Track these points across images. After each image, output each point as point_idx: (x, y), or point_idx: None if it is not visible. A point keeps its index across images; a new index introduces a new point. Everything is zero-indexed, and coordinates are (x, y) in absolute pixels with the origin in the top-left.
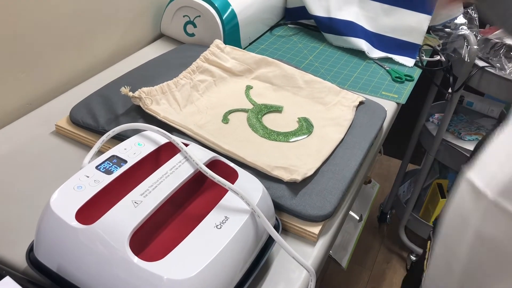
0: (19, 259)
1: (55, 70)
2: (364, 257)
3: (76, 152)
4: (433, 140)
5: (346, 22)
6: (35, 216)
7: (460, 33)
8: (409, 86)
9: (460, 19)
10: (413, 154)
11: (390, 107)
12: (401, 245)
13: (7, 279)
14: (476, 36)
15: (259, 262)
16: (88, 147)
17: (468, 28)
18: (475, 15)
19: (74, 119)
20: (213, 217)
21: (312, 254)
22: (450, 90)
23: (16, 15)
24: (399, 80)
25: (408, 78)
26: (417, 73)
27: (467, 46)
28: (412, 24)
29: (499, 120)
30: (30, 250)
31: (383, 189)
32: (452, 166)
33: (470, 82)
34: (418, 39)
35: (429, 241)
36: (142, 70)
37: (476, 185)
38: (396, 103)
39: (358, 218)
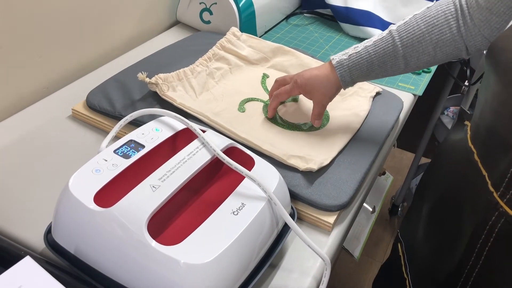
0: (37, 241)
1: (72, 54)
2: (374, 249)
3: (92, 136)
4: (448, 133)
5: (363, 12)
6: (52, 198)
7: None
8: (426, 78)
9: None
10: (426, 147)
11: (406, 99)
12: None
13: (28, 259)
14: None
15: (274, 250)
16: (104, 132)
17: None
18: None
19: (90, 104)
20: (230, 203)
21: (326, 243)
22: (466, 83)
23: (34, 0)
24: (416, 71)
25: (425, 69)
26: None
27: None
28: None
29: None
30: (48, 231)
31: (395, 182)
32: None
33: None
34: None
35: (399, 244)
36: (158, 57)
37: None
38: (413, 94)
39: (371, 209)
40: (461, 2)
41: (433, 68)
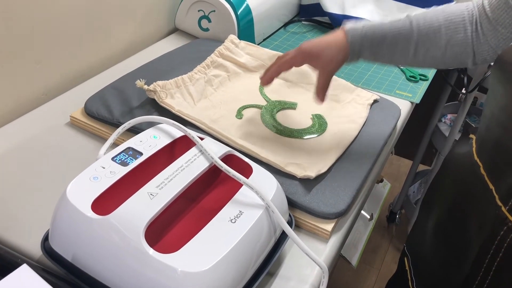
0: (34, 248)
1: (70, 61)
2: (372, 256)
3: (90, 144)
4: (445, 141)
5: (360, 19)
6: (50, 205)
7: None
8: (423, 86)
9: None
10: (424, 155)
11: (404, 106)
12: None
13: (25, 267)
14: None
15: (272, 258)
16: (102, 139)
17: None
18: None
19: (88, 111)
20: (228, 211)
21: (324, 251)
22: (464, 91)
23: (32, 7)
24: (413, 79)
25: (422, 77)
26: (431, 72)
27: None
28: None
29: None
30: (45, 239)
31: (392, 189)
32: None
33: (485, 83)
34: None
35: (406, 258)
36: (156, 64)
37: None
38: (410, 102)
39: (369, 217)
40: (475, 7)
41: (431, 76)
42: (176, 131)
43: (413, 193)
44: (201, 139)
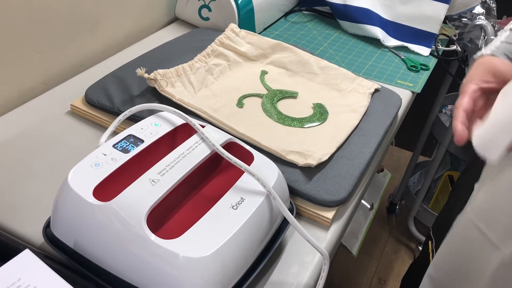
0: (36, 235)
1: (70, 50)
2: (372, 246)
3: (90, 132)
4: (446, 132)
5: (361, 9)
6: (51, 193)
7: (477, 23)
8: (424, 75)
9: (478, 9)
10: (424, 146)
11: (405, 96)
12: (409, 236)
13: (27, 252)
14: (493, 27)
15: (273, 244)
16: (103, 127)
17: (486, 18)
18: (493, 5)
19: (89, 100)
20: (229, 198)
21: (325, 239)
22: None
23: None
24: (414, 69)
25: (423, 67)
26: (432, 62)
27: (484, 37)
28: (428, 13)
29: None
30: (47, 226)
31: (393, 180)
32: (464, 158)
33: None
34: (434, 28)
35: (430, 242)
36: (157, 53)
37: (490, 239)
38: (411, 91)
39: (369, 206)
40: None
41: (432, 65)
42: (177, 118)
43: (413, 184)
44: (202, 126)
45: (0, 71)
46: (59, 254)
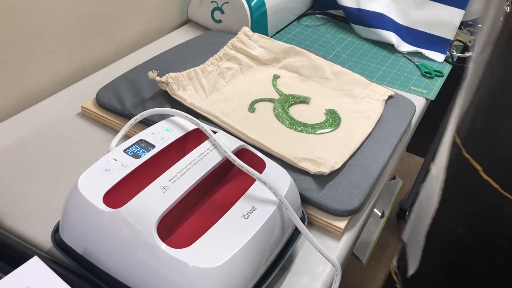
0: (44, 239)
1: (82, 52)
2: (381, 253)
3: (101, 134)
4: None
5: (376, 14)
6: (60, 197)
7: None
8: (438, 82)
9: None
10: (436, 152)
11: (419, 103)
12: None
13: (35, 259)
14: None
15: (284, 254)
16: (113, 130)
17: None
18: (509, 11)
19: (100, 102)
20: (240, 206)
21: (337, 249)
22: None
23: None
24: (428, 75)
25: (438, 73)
26: (447, 69)
27: None
28: (444, 19)
29: None
30: (56, 231)
31: (403, 186)
32: None
33: None
34: (449, 34)
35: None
36: (168, 56)
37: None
38: (425, 98)
39: (380, 214)
40: None
41: (446, 72)
42: (188, 124)
43: None
44: (214, 132)
45: (12, 71)
46: (67, 260)
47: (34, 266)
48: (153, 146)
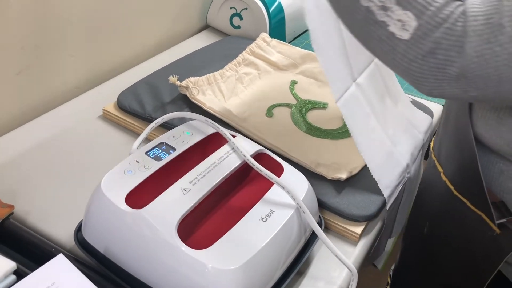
0: (67, 238)
1: (104, 55)
2: (394, 258)
3: (122, 137)
4: None
5: None
6: (82, 197)
7: None
8: None
9: None
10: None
11: (436, 110)
12: None
13: (61, 257)
14: None
15: (301, 258)
16: (134, 133)
17: None
18: None
19: (121, 105)
20: (259, 209)
21: (353, 254)
22: None
23: (69, 0)
24: None
25: None
26: None
27: None
28: None
29: None
30: (78, 230)
31: None
32: None
33: None
34: None
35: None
36: (188, 60)
37: None
38: (442, 106)
39: None
40: None
41: None
42: (208, 128)
43: None
44: (233, 136)
45: (37, 74)
46: (89, 259)
47: (59, 264)
48: (174, 149)
